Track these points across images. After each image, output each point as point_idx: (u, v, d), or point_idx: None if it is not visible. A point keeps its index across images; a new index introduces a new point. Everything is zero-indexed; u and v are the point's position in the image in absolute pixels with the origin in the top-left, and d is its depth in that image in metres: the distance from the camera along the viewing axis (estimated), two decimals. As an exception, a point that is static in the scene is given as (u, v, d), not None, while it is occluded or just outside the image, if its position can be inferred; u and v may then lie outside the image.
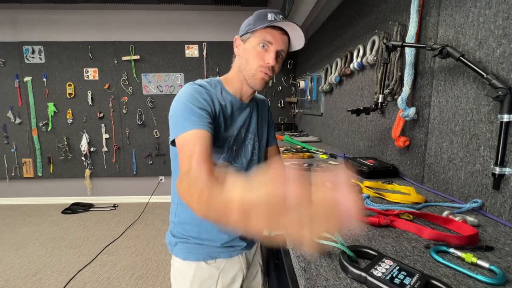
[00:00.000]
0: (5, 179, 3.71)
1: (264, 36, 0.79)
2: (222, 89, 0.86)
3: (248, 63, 0.82)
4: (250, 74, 0.82)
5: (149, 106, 3.64)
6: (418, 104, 1.07)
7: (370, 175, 1.13)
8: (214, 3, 3.30)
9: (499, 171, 0.70)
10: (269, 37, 0.79)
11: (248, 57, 0.82)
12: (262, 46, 0.80)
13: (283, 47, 0.82)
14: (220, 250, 0.88)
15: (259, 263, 1.06)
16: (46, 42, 3.48)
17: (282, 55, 0.83)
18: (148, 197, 3.82)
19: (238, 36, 0.86)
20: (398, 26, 1.17)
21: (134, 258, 2.42)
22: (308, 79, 2.93)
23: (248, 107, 0.91)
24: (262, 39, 0.80)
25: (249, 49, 0.82)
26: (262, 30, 0.79)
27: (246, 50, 0.83)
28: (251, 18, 0.83)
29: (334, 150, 1.95)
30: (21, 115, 3.59)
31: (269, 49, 0.80)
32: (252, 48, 0.81)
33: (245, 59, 0.83)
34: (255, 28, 0.79)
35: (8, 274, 2.21)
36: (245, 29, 0.83)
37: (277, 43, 0.80)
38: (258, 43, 0.80)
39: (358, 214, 0.30)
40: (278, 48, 0.80)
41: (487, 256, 0.53)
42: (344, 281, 0.46)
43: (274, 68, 0.82)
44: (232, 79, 0.88)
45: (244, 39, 0.84)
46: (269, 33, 0.79)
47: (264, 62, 0.80)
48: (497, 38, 0.73)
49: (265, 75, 0.82)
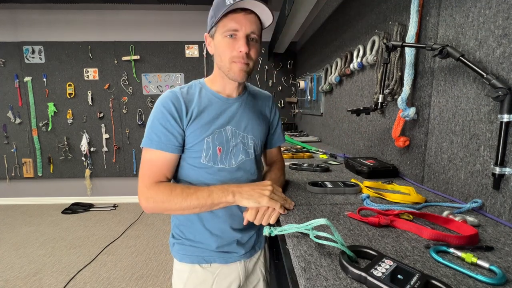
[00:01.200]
0: (5, 179, 3.71)
1: (228, 24, 0.74)
2: (203, 88, 0.85)
3: (222, 59, 0.78)
4: (227, 69, 0.78)
5: (149, 106, 3.64)
6: (418, 104, 1.07)
7: (370, 175, 1.13)
8: (214, 3, 3.29)
9: (499, 171, 0.70)
10: (233, 23, 0.73)
11: (220, 52, 0.78)
12: (230, 36, 0.75)
13: (253, 29, 0.75)
14: (216, 254, 0.86)
15: (262, 272, 1.01)
16: (46, 42, 3.48)
17: (254, 38, 0.77)
18: (148, 197, 3.82)
19: (207, 33, 0.83)
20: (398, 26, 1.17)
21: (134, 258, 2.42)
22: (308, 79, 2.93)
23: (237, 102, 0.87)
24: (227, 29, 0.74)
25: (218, 43, 0.77)
26: (224, 20, 0.74)
27: (217, 46, 0.78)
28: (212, 9, 0.78)
29: (334, 150, 1.95)
30: (21, 115, 3.59)
31: (237, 36, 0.75)
32: (221, 41, 0.76)
33: (218, 55, 0.79)
34: (217, 19, 0.74)
35: (8, 274, 2.21)
36: (210, 23, 0.79)
37: (243, 26, 0.74)
38: (225, 34, 0.75)
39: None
40: (247, 32, 0.75)
41: (487, 256, 0.53)
42: (344, 281, 0.46)
43: (250, 54, 0.77)
44: (215, 78, 0.86)
45: (211, 34, 0.80)
46: (232, 20, 0.73)
47: (236, 52, 0.75)
48: (497, 38, 0.73)
49: (242, 65, 0.77)
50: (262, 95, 0.98)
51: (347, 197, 0.91)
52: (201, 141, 0.80)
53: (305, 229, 0.59)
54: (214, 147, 0.81)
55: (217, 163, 0.82)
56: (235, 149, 0.85)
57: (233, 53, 0.76)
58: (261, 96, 0.97)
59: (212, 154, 0.81)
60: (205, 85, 0.87)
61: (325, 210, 0.79)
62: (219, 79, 0.85)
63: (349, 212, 0.76)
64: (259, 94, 0.97)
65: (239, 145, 0.86)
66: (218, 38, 0.78)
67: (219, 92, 0.86)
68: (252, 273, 0.97)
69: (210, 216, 0.85)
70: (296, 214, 0.76)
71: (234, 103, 0.87)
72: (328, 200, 0.87)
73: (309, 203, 0.85)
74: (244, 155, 0.87)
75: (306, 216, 0.74)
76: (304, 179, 1.13)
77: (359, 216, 0.71)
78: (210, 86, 0.86)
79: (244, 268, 0.92)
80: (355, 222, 0.70)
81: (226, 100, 0.86)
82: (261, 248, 0.99)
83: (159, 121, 0.78)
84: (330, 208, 0.80)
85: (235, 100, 0.87)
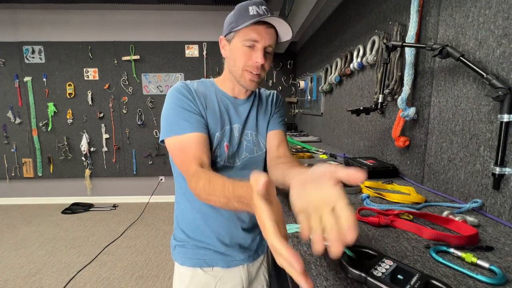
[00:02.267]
0: (5, 179, 3.71)
1: (249, 34, 0.75)
2: (212, 86, 0.86)
3: (235, 64, 0.79)
4: (238, 75, 0.80)
5: (149, 106, 3.64)
6: (418, 104, 1.07)
7: (370, 175, 1.13)
8: (214, 3, 3.30)
9: (499, 171, 0.70)
10: (254, 34, 0.74)
11: (235, 58, 0.79)
12: (248, 45, 0.76)
13: (270, 42, 0.77)
14: (218, 257, 0.86)
15: (265, 278, 0.99)
16: (46, 42, 3.48)
17: (270, 51, 0.79)
18: (148, 197, 3.82)
19: (223, 36, 0.82)
20: (398, 26, 1.17)
21: (134, 258, 2.42)
22: (308, 79, 2.93)
23: (245, 103, 0.88)
24: (247, 38, 0.75)
25: (235, 49, 0.78)
26: (245, 28, 0.75)
27: (233, 51, 0.79)
28: (233, 14, 0.79)
29: (334, 150, 1.95)
30: (21, 115, 3.59)
31: (256, 47, 0.76)
32: (238, 48, 0.77)
33: (232, 60, 0.80)
34: (238, 28, 0.75)
35: (8, 274, 2.21)
36: (228, 28, 0.79)
37: (263, 39, 0.75)
38: (244, 43, 0.76)
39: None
40: (265, 44, 0.76)
41: (487, 256, 0.53)
42: (344, 281, 0.46)
43: (264, 66, 0.79)
44: (225, 80, 0.87)
45: (228, 39, 0.80)
46: (253, 30, 0.74)
47: (252, 62, 0.77)
48: (497, 38, 0.73)
49: (253, 75, 0.78)
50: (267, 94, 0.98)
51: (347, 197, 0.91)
52: (212, 135, 0.80)
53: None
54: (222, 143, 0.82)
55: (223, 160, 0.83)
56: (240, 148, 0.86)
57: (249, 62, 0.77)
58: (267, 96, 0.97)
59: (220, 150, 0.82)
60: (215, 84, 0.87)
61: (325, 210, 0.79)
62: (228, 82, 0.86)
63: (349, 212, 0.76)
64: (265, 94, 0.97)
65: (243, 143, 0.86)
66: (236, 45, 0.78)
67: (228, 93, 0.86)
68: (256, 278, 0.96)
69: (215, 215, 0.84)
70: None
71: (242, 104, 0.88)
72: (328, 200, 0.87)
73: (309, 203, 0.85)
74: (248, 152, 0.87)
75: (306, 216, 0.74)
76: (304, 179, 1.13)
77: (359, 216, 0.71)
78: (219, 86, 0.87)
79: (247, 272, 0.91)
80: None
81: (234, 100, 0.87)
82: (264, 252, 0.97)
83: (181, 106, 0.76)
84: (330, 208, 0.80)
85: (243, 101, 0.88)
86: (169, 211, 3.53)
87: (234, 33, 0.78)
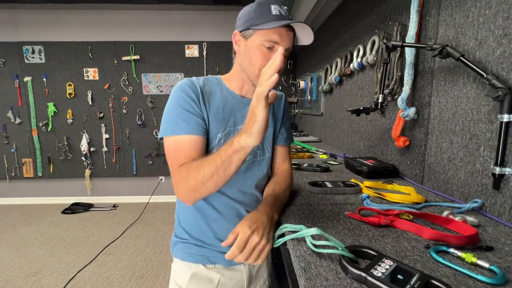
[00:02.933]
0: (5, 179, 3.71)
1: (270, 35, 0.72)
2: (219, 84, 0.84)
3: (251, 64, 0.76)
4: (255, 75, 0.77)
5: (149, 106, 3.64)
6: (418, 104, 1.07)
7: (370, 175, 1.13)
8: (214, 3, 3.30)
9: (499, 171, 0.70)
10: (276, 36, 0.72)
11: (251, 57, 0.76)
12: (267, 46, 0.74)
13: (289, 45, 0.75)
14: (220, 256, 0.85)
15: (265, 277, 0.98)
16: (46, 42, 3.48)
17: (287, 54, 0.76)
18: (148, 197, 3.82)
19: (238, 31, 0.79)
20: (398, 26, 1.17)
21: (134, 258, 2.42)
22: (308, 79, 2.93)
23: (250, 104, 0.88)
24: (268, 39, 0.73)
25: (252, 48, 0.75)
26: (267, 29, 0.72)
27: (249, 49, 0.76)
28: (252, 10, 0.75)
29: (334, 150, 1.95)
30: (21, 115, 3.59)
31: (275, 49, 0.74)
32: (256, 47, 0.75)
33: (248, 59, 0.77)
34: (259, 27, 0.72)
35: (8, 274, 2.21)
36: (247, 24, 0.75)
37: (283, 41, 0.73)
38: (263, 43, 0.73)
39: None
40: (285, 47, 0.74)
41: (487, 256, 0.53)
42: (344, 281, 0.46)
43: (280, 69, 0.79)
44: (234, 77, 0.85)
45: (245, 35, 0.77)
46: (275, 32, 0.72)
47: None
48: (497, 38, 0.73)
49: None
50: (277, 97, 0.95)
51: (347, 197, 0.91)
52: (214, 136, 0.79)
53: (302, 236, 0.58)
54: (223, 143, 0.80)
55: None
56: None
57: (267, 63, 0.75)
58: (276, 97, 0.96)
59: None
60: (222, 82, 0.86)
61: (325, 210, 0.79)
62: (238, 79, 0.84)
63: (349, 212, 0.76)
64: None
65: None
66: (254, 43, 0.75)
67: (235, 91, 0.85)
68: (256, 278, 0.96)
69: (215, 215, 0.84)
70: (296, 214, 0.76)
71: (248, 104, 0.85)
72: (328, 200, 0.87)
73: (309, 203, 0.85)
74: (252, 156, 0.86)
75: (306, 216, 0.74)
76: (304, 179, 1.13)
77: (359, 216, 0.71)
78: (226, 83, 0.85)
79: (248, 271, 0.91)
80: (355, 222, 0.70)
81: (241, 99, 0.85)
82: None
83: (182, 106, 0.75)
84: (330, 208, 0.80)
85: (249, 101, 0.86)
86: (169, 211, 3.53)
87: (253, 30, 0.75)
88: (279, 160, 0.94)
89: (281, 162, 0.94)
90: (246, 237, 0.60)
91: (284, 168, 0.93)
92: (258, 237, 0.60)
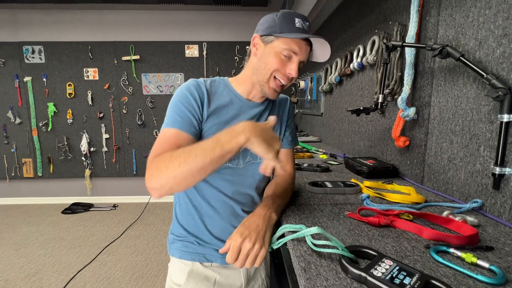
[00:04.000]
0: (5, 179, 3.71)
1: (290, 44, 0.76)
2: (226, 87, 0.85)
3: (266, 68, 0.78)
4: (265, 80, 0.79)
5: (149, 106, 3.64)
6: (418, 104, 1.07)
7: (370, 175, 1.13)
8: (214, 3, 3.30)
9: (499, 171, 0.70)
10: (296, 47, 0.76)
11: (268, 61, 0.78)
12: (285, 55, 0.77)
13: (305, 59, 0.79)
14: (217, 254, 0.85)
15: (263, 278, 0.98)
16: (46, 42, 3.48)
17: (301, 67, 0.80)
18: (148, 197, 3.82)
19: (258, 35, 0.81)
20: (398, 26, 1.17)
21: (134, 258, 2.42)
22: (308, 79, 2.93)
23: (258, 107, 0.87)
24: (288, 48, 0.76)
25: (270, 53, 0.78)
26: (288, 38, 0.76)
27: (267, 54, 0.78)
28: (276, 18, 0.78)
29: (334, 150, 1.95)
30: (21, 115, 3.59)
31: (293, 59, 0.77)
32: (275, 54, 0.77)
33: (264, 62, 0.79)
34: (282, 35, 0.75)
35: (8, 274, 2.21)
36: (269, 30, 0.78)
37: (301, 54, 0.77)
38: (283, 51, 0.76)
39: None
40: (302, 59, 0.78)
41: (487, 256, 0.53)
42: (344, 281, 0.46)
43: (293, 79, 0.81)
44: (244, 80, 0.86)
45: (266, 40, 0.79)
46: (296, 43, 0.76)
47: (285, 71, 0.78)
48: (497, 38, 0.73)
49: (278, 85, 0.80)
50: (280, 99, 0.97)
51: (347, 197, 0.91)
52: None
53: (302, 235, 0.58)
54: None
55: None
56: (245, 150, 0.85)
57: (282, 70, 0.78)
58: (279, 100, 0.96)
59: None
60: (229, 84, 0.86)
61: (325, 210, 0.79)
62: (248, 82, 0.85)
63: (349, 212, 0.76)
64: (278, 99, 0.96)
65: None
66: (274, 49, 0.77)
67: (242, 94, 0.85)
68: (254, 278, 0.96)
69: (211, 212, 0.84)
70: (296, 214, 0.76)
71: (254, 107, 0.87)
72: (328, 200, 0.87)
73: (309, 203, 0.85)
74: (252, 157, 0.86)
75: (306, 216, 0.74)
76: (304, 179, 1.13)
77: (359, 216, 0.71)
78: (234, 86, 0.86)
79: (246, 270, 0.91)
80: (355, 222, 0.70)
81: (247, 102, 0.86)
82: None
83: (182, 104, 0.77)
84: (330, 208, 0.80)
85: (255, 105, 0.87)
86: (169, 211, 3.53)
87: (274, 37, 0.77)
88: (282, 162, 0.93)
89: (283, 164, 0.94)
90: (238, 244, 0.61)
91: (287, 170, 0.94)
92: (250, 243, 0.60)
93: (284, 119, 0.96)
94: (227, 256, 0.62)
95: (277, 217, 0.75)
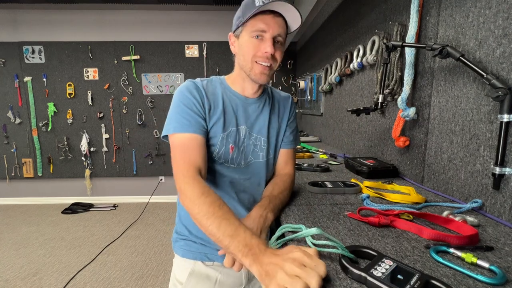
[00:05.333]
0: (5, 179, 3.71)
1: (256, 25, 0.74)
2: (222, 85, 0.85)
3: (245, 58, 0.78)
4: (249, 68, 0.78)
5: (149, 106, 3.64)
6: (418, 104, 1.07)
7: (370, 175, 1.13)
8: (214, 3, 3.30)
9: (499, 171, 0.70)
10: (261, 24, 0.73)
11: (244, 52, 0.78)
12: (256, 37, 0.75)
13: (279, 31, 0.75)
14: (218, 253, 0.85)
15: None
16: (46, 42, 3.47)
17: (280, 40, 0.77)
18: (148, 197, 3.82)
19: (232, 32, 0.82)
20: (398, 26, 1.17)
21: (134, 258, 2.42)
22: (308, 79, 2.93)
23: (256, 103, 0.86)
24: (255, 29, 0.74)
25: (244, 43, 0.77)
26: (252, 20, 0.74)
27: (242, 45, 0.78)
28: (240, 9, 0.78)
29: (334, 150, 1.95)
30: (21, 115, 3.59)
31: (264, 37, 0.75)
32: (247, 41, 0.76)
33: (242, 54, 0.79)
34: (245, 19, 0.74)
35: (8, 274, 2.21)
36: (236, 23, 0.79)
37: (271, 28, 0.74)
38: (252, 35, 0.75)
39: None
40: (274, 34, 0.74)
41: (487, 256, 0.53)
42: (344, 281, 0.46)
43: (275, 56, 0.77)
44: (235, 78, 0.86)
45: (237, 34, 0.80)
46: (260, 21, 0.73)
47: (261, 52, 0.75)
48: (497, 38, 0.73)
49: (264, 67, 0.77)
50: (281, 96, 0.96)
51: (347, 197, 0.91)
52: (216, 136, 0.80)
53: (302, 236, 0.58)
54: (227, 144, 0.81)
55: (227, 162, 0.82)
56: (246, 150, 0.85)
57: (258, 53, 0.76)
58: (280, 97, 0.95)
59: (225, 151, 0.81)
60: (225, 82, 0.86)
61: (325, 210, 0.79)
62: (239, 80, 0.85)
63: (349, 212, 0.76)
64: (279, 96, 0.95)
65: (250, 146, 0.85)
66: (244, 38, 0.77)
67: (238, 91, 0.85)
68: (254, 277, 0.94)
69: None
70: (296, 214, 0.76)
71: (252, 104, 0.86)
72: (328, 200, 0.87)
73: (309, 203, 0.85)
74: (253, 157, 0.86)
75: (306, 216, 0.74)
76: (304, 179, 1.13)
77: (359, 216, 0.71)
78: (229, 84, 0.86)
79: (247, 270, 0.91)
80: (355, 222, 0.70)
81: (244, 99, 0.85)
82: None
83: (186, 105, 0.77)
84: (330, 208, 0.80)
85: (253, 101, 0.86)
86: (169, 211, 3.53)
87: (241, 27, 0.77)
88: (281, 162, 0.93)
89: (283, 165, 0.93)
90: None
91: (286, 170, 0.93)
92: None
93: (284, 117, 0.94)
94: (225, 261, 0.63)
95: (274, 217, 0.75)
